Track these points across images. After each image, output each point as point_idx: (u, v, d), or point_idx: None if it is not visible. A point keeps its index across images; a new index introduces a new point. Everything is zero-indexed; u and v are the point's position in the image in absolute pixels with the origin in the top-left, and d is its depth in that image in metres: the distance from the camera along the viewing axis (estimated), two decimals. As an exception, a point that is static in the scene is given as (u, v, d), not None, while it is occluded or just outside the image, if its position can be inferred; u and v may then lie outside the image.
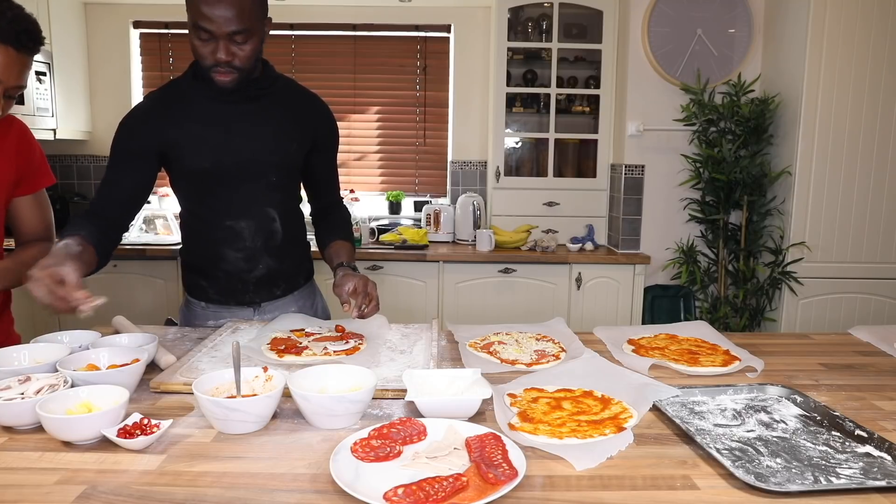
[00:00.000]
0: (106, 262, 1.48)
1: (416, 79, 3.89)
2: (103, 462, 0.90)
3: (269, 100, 1.57)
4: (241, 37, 1.39)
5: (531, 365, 1.33)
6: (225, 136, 1.52)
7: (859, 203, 3.05)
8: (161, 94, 1.57)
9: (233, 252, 1.59)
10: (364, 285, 1.45)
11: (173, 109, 1.52)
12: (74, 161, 3.88)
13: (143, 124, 1.52)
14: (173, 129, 1.51)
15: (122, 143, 1.53)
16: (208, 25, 1.36)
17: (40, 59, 3.35)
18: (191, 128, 1.51)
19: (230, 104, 1.53)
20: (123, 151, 1.53)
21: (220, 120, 1.52)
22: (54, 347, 1.24)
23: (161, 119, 1.51)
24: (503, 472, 0.83)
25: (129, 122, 1.54)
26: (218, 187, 1.55)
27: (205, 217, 1.59)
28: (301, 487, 0.84)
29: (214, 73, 1.44)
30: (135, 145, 1.52)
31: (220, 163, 1.52)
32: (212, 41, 1.39)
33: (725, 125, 3.21)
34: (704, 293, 3.39)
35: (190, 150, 1.51)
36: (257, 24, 1.42)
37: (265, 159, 1.56)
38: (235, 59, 1.41)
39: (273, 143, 1.56)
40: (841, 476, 0.88)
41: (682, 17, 3.30)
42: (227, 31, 1.37)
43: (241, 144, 1.53)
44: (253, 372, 1.12)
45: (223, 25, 1.36)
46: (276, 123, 1.57)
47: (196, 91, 1.53)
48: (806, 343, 1.58)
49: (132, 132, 1.53)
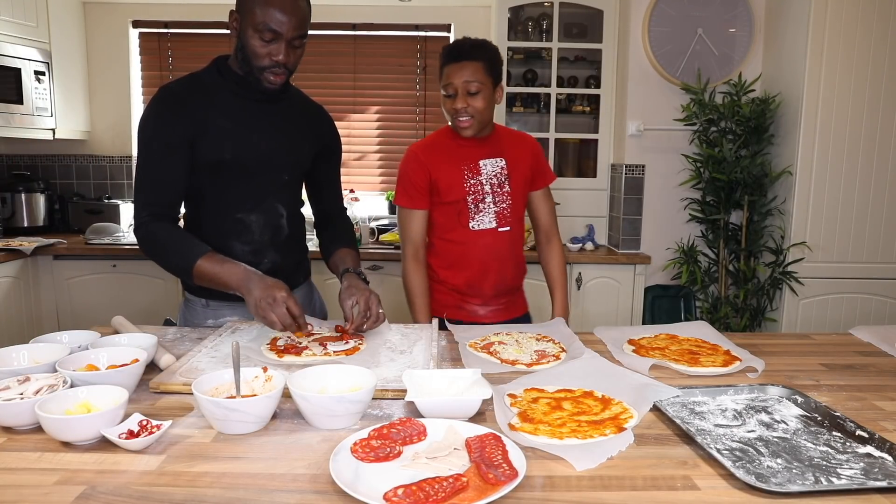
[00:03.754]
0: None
1: (416, 78, 3.89)
2: (103, 462, 0.90)
3: (286, 103, 1.66)
4: (299, 41, 1.50)
5: (531, 365, 1.32)
6: (246, 132, 1.57)
7: (860, 203, 3.04)
8: (184, 85, 1.57)
9: (241, 245, 1.62)
10: (366, 301, 1.49)
11: (198, 101, 1.55)
12: (73, 161, 3.88)
13: (175, 115, 1.52)
14: (199, 119, 1.53)
15: (159, 137, 1.52)
16: (278, 28, 1.45)
17: (39, 59, 3.35)
18: (215, 120, 1.54)
19: (252, 102, 1.59)
20: (163, 146, 1.52)
21: (243, 116, 1.57)
22: (54, 347, 1.23)
23: (188, 108, 1.53)
24: (503, 472, 0.83)
25: (162, 115, 1.52)
26: (233, 180, 1.59)
27: (216, 209, 1.61)
28: (301, 488, 0.84)
29: (269, 72, 1.51)
30: (173, 136, 1.51)
31: (240, 156, 1.57)
32: (275, 43, 1.47)
33: (726, 125, 3.21)
34: (705, 293, 3.39)
35: (212, 141, 1.54)
36: (308, 31, 1.53)
37: (282, 158, 1.63)
38: (290, 62, 1.51)
39: (290, 144, 1.64)
40: (842, 476, 0.88)
41: (683, 17, 3.29)
42: (292, 34, 1.47)
43: (260, 141, 1.59)
44: (253, 372, 1.11)
45: (291, 29, 1.46)
46: (293, 125, 1.66)
47: (220, 86, 1.57)
48: (807, 343, 1.58)
49: (167, 123, 1.52)
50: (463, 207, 1.85)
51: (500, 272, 1.89)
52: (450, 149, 1.86)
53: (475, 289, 1.89)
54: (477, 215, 1.86)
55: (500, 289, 1.91)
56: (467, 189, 1.84)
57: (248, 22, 1.46)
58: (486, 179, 1.86)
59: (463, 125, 1.79)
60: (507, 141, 1.91)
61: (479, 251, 1.87)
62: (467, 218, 1.85)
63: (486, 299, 1.91)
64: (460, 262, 1.89)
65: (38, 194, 3.62)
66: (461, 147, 1.86)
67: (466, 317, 1.90)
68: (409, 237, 1.91)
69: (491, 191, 1.86)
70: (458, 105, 1.75)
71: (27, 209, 3.58)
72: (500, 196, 1.87)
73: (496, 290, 1.91)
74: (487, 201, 1.86)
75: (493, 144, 1.88)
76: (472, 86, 1.74)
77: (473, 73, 1.73)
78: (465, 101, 1.75)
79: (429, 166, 1.85)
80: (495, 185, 1.86)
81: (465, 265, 1.88)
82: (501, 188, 1.87)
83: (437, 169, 1.84)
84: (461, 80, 1.74)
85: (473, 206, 1.85)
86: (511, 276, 1.93)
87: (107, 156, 3.88)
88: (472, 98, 1.75)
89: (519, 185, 1.90)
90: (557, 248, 2.00)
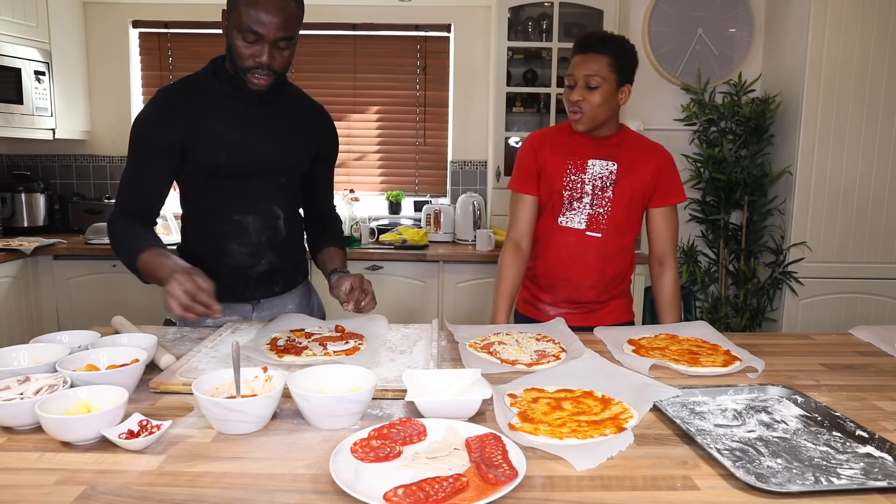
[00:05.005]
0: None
1: (416, 78, 3.88)
2: (103, 462, 0.90)
3: (283, 105, 1.63)
4: (285, 42, 1.46)
5: (531, 365, 1.32)
6: (242, 135, 1.56)
7: (860, 203, 3.04)
8: (179, 89, 1.58)
9: (237, 246, 1.63)
10: (360, 282, 1.53)
11: (192, 104, 1.54)
12: (73, 161, 3.88)
13: (166, 118, 1.53)
14: (192, 124, 1.53)
15: (145, 139, 1.54)
16: (260, 29, 1.42)
17: (39, 59, 3.35)
18: (209, 123, 1.54)
19: (248, 105, 1.57)
20: (148, 148, 1.54)
21: (238, 119, 1.56)
22: (54, 347, 1.23)
23: (182, 113, 1.53)
24: (503, 472, 0.83)
25: (151, 118, 1.54)
26: (229, 183, 1.58)
27: (212, 211, 1.62)
28: (301, 488, 0.84)
29: (252, 74, 1.48)
30: (160, 141, 1.53)
31: (235, 160, 1.56)
32: (258, 44, 1.44)
33: (726, 125, 3.21)
34: (705, 293, 3.39)
35: (207, 145, 1.54)
36: (297, 33, 1.50)
37: (278, 160, 1.62)
38: (275, 64, 1.47)
39: (286, 146, 1.62)
40: (842, 476, 0.87)
41: (683, 17, 3.29)
42: (275, 36, 1.43)
43: (256, 144, 1.57)
44: (253, 372, 1.11)
45: (274, 31, 1.42)
46: (290, 127, 1.63)
47: (215, 89, 1.56)
48: (807, 343, 1.58)
49: (155, 127, 1.53)
50: (558, 200, 1.80)
51: (578, 278, 1.81)
52: (564, 141, 1.81)
53: (548, 285, 1.85)
54: (568, 212, 1.80)
55: (573, 296, 1.84)
56: (566, 184, 1.79)
57: (234, 22, 1.44)
58: (590, 179, 1.78)
59: (574, 117, 1.73)
60: (631, 147, 1.81)
61: (558, 248, 1.82)
62: (559, 211, 1.81)
63: (558, 301, 1.85)
64: (542, 254, 1.85)
65: (38, 194, 3.62)
66: (576, 142, 1.80)
67: (537, 314, 1.86)
68: (513, 222, 1.86)
69: (591, 192, 1.78)
70: (574, 97, 1.70)
71: (27, 209, 3.58)
72: (599, 199, 1.78)
73: (569, 296, 1.84)
74: (584, 202, 1.79)
75: (611, 147, 1.79)
76: (593, 80, 1.67)
77: (597, 66, 1.67)
78: (581, 94, 1.69)
79: (540, 153, 1.81)
80: (597, 188, 1.78)
81: (544, 257, 1.85)
82: (604, 192, 1.78)
83: (546, 157, 1.81)
84: (583, 72, 1.68)
85: (568, 202, 1.79)
86: (592, 287, 1.82)
87: (107, 156, 3.88)
88: (590, 92, 1.68)
89: (626, 195, 1.78)
90: (670, 275, 1.87)
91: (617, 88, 1.72)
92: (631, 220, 1.83)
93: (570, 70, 1.72)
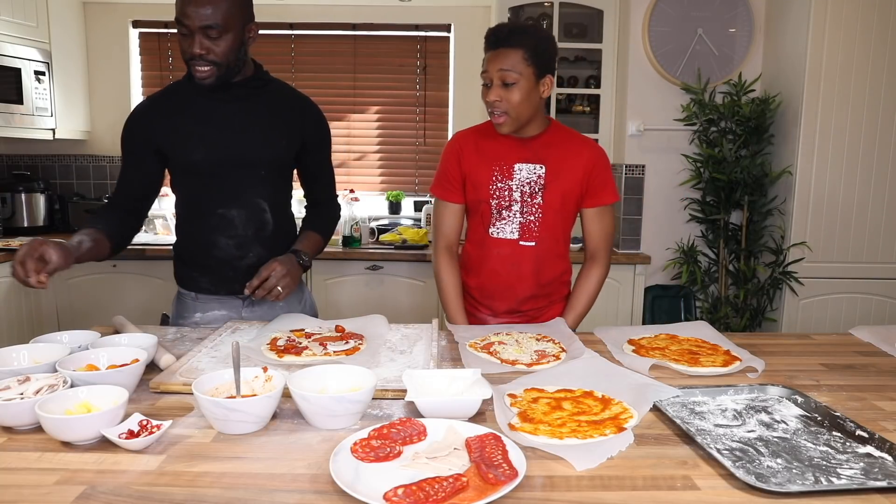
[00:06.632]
0: (124, 246, 1.67)
1: (416, 78, 3.88)
2: (103, 462, 0.90)
3: (259, 100, 1.67)
4: (214, 31, 1.49)
5: (531, 365, 1.32)
6: (216, 132, 1.62)
7: (860, 203, 3.04)
8: (159, 95, 1.70)
9: (225, 239, 1.67)
10: (269, 270, 1.53)
11: (168, 108, 1.65)
12: (73, 161, 3.88)
13: (140, 123, 1.65)
14: (168, 126, 1.63)
15: (126, 141, 1.68)
16: (185, 20, 1.48)
17: (39, 59, 3.35)
18: (184, 124, 1.62)
19: (221, 103, 1.63)
20: (129, 149, 1.68)
21: (212, 117, 1.63)
22: (54, 347, 1.24)
23: (156, 117, 1.64)
24: (503, 472, 0.83)
25: (129, 123, 1.67)
26: (210, 178, 1.64)
27: (199, 205, 1.68)
28: (301, 488, 0.84)
29: (192, 66, 1.53)
30: (136, 143, 1.66)
31: (211, 156, 1.62)
32: (189, 36, 1.50)
33: (726, 125, 3.21)
34: (705, 293, 3.39)
35: (182, 144, 1.62)
36: (232, 22, 1.51)
37: (254, 154, 1.65)
38: (210, 54, 1.51)
39: (261, 140, 1.66)
40: (842, 476, 0.88)
41: (683, 17, 3.29)
42: (199, 25, 1.48)
43: (230, 140, 1.63)
44: (253, 372, 1.11)
45: (196, 20, 1.47)
46: (265, 122, 1.66)
47: (191, 91, 1.63)
48: (807, 343, 1.58)
49: (132, 131, 1.67)
50: (486, 209, 1.70)
51: (515, 289, 1.74)
52: (488, 145, 1.70)
53: (486, 298, 1.78)
54: (498, 222, 1.70)
55: (513, 306, 1.76)
56: (492, 192, 1.69)
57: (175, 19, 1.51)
58: (518, 186, 1.68)
59: (496, 121, 1.61)
60: (559, 148, 1.69)
61: (493, 261, 1.73)
62: (489, 222, 1.71)
63: (498, 312, 1.78)
64: (476, 268, 1.77)
65: (38, 194, 3.62)
66: (500, 145, 1.68)
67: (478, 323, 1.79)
68: (440, 230, 1.78)
69: (520, 199, 1.68)
70: (491, 97, 1.58)
71: (27, 209, 3.58)
72: (529, 206, 1.69)
73: (509, 307, 1.77)
74: (514, 209, 1.69)
75: (538, 149, 1.68)
76: (509, 76, 1.55)
77: (511, 61, 1.55)
78: (498, 94, 1.57)
79: (463, 159, 1.71)
80: (526, 194, 1.68)
81: (478, 271, 1.76)
82: (532, 198, 1.68)
83: (469, 163, 1.71)
84: (497, 68, 1.56)
85: (496, 211, 1.70)
86: (531, 297, 1.75)
87: (107, 156, 3.88)
88: (508, 90, 1.56)
89: (557, 199, 1.68)
90: (595, 273, 1.77)
91: (536, 82, 1.59)
92: (566, 223, 1.75)
93: (484, 68, 1.60)
